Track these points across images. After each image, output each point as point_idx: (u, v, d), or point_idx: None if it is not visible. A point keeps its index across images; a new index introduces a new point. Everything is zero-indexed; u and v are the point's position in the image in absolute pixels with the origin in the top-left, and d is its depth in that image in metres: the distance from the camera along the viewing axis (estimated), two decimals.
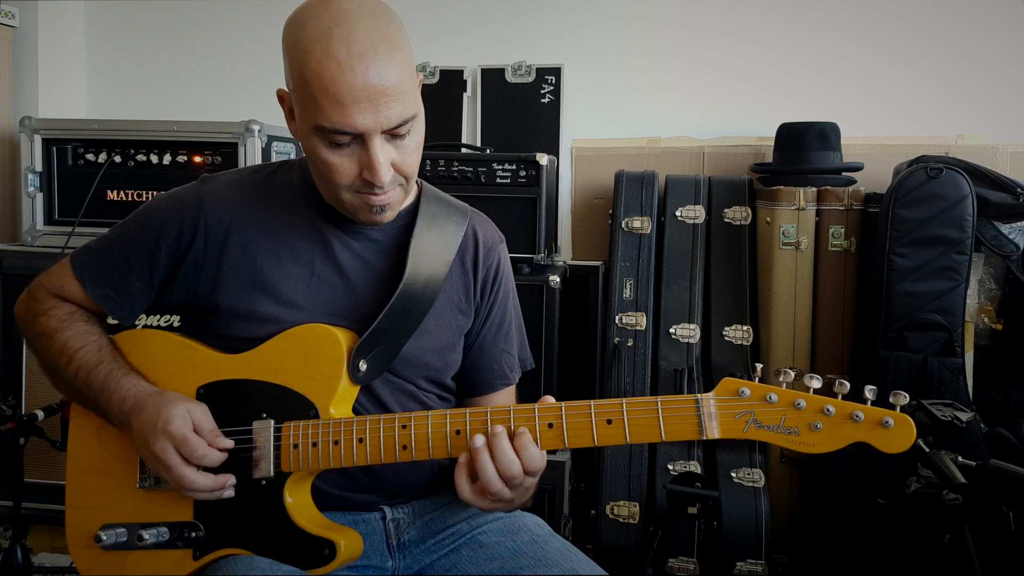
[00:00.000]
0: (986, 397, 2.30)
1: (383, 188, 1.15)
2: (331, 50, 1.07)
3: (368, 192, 1.16)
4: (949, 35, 2.64)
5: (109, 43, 3.09)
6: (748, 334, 2.44)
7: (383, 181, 1.14)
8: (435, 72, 2.87)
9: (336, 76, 1.07)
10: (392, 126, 1.11)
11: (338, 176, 1.15)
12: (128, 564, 1.23)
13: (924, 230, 2.18)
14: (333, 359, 1.19)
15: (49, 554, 2.43)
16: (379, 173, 1.13)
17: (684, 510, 2.09)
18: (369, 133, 1.10)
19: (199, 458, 1.15)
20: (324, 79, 1.07)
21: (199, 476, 1.16)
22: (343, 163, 1.14)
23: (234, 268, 1.25)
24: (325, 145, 1.13)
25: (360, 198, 1.17)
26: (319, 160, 1.15)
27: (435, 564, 1.28)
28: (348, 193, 1.17)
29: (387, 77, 1.09)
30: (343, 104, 1.08)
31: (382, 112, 1.10)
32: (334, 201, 1.22)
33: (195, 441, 1.15)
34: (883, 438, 1.03)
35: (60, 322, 1.29)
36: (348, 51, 1.07)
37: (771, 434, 1.05)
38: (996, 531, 2.04)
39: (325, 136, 1.12)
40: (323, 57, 1.07)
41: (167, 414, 1.16)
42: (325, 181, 1.18)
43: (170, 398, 1.19)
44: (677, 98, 2.79)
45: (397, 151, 1.15)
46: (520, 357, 1.43)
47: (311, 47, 1.08)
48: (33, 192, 2.46)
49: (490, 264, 1.36)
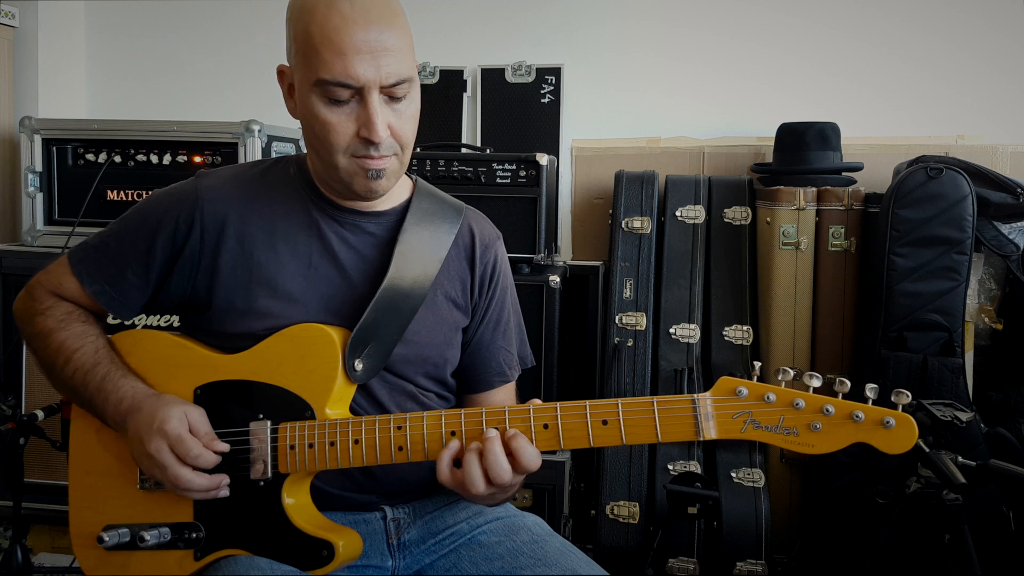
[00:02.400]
0: (986, 397, 2.30)
1: (379, 149, 1.16)
2: (335, 4, 1.12)
3: (364, 155, 1.17)
4: (949, 35, 2.64)
5: (109, 43, 3.09)
6: (748, 334, 2.44)
7: (380, 137, 1.15)
8: (435, 72, 2.87)
9: (339, 27, 1.11)
10: (390, 83, 1.14)
11: (335, 136, 1.16)
12: (131, 564, 1.23)
13: (924, 230, 2.18)
14: (328, 359, 1.19)
15: (49, 554, 2.43)
16: (376, 128, 1.14)
17: (684, 510, 2.09)
18: (368, 87, 1.13)
19: (194, 458, 1.15)
20: (328, 30, 1.12)
21: (194, 476, 1.16)
22: (341, 122, 1.15)
23: (231, 262, 1.25)
24: (324, 103, 1.15)
25: (356, 163, 1.18)
26: (317, 121, 1.16)
27: (435, 564, 1.28)
28: (344, 157, 1.18)
29: (388, 33, 1.14)
30: (345, 54, 1.11)
31: (382, 67, 1.13)
32: (331, 168, 1.21)
33: (190, 441, 1.16)
34: (884, 439, 1.01)
35: (58, 322, 1.29)
36: (352, 7, 1.12)
37: (769, 434, 1.03)
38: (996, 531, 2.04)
39: (325, 92, 1.14)
40: (327, 11, 1.12)
41: (163, 415, 1.16)
42: (323, 144, 1.18)
43: (167, 400, 1.19)
44: (677, 98, 2.79)
45: (394, 115, 1.17)
46: (520, 354, 1.43)
47: (316, 4, 1.14)
48: (33, 192, 2.46)
49: (487, 261, 1.36)
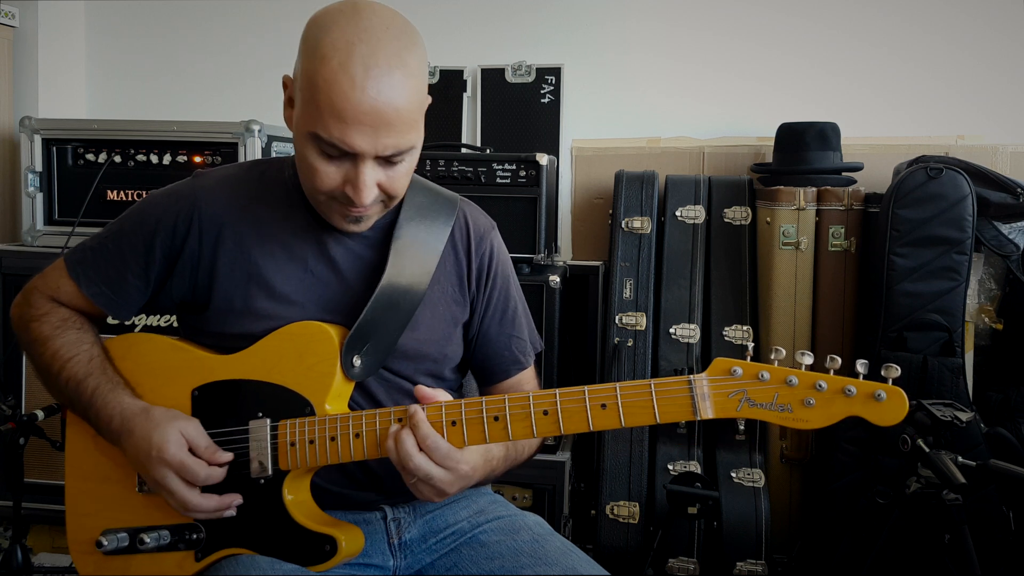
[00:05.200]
0: (986, 397, 2.30)
1: (364, 205, 1.16)
2: (348, 66, 1.06)
3: (348, 204, 1.16)
4: (949, 35, 2.65)
5: (109, 43, 3.09)
6: (748, 334, 2.44)
7: (364, 202, 1.14)
8: (435, 72, 2.87)
9: (346, 93, 1.06)
10: (387, 155, 1.12)
11: (320, 182, 1.15)
12: (131, 568, 1.23)
13: (924, 230, 2.18)
14: (326, 356, 1.19)
15: (49, 554, 2.43)
16: (362, 194, 1.13)
17: (684, 510, 2.09)
18: (363, 155, 1.11)
19: (203, 480, 1.15)
20: (333, 92, 1.07)
21: (203, 500, 1.16)
22: (329, 171, 1.14)
23: (229, 262, 1.25)
24: (316, 151, 1.13)
25: (338, 206, 1.18)
26: (306, 162, 1.15)
27: (436, 563, 1.28)
28: (326, 198, 1.17)
29: (395, 106, 1.09)
30: (345, 122, 1.08)
31: (380, 139, 1.10)
32: (312, 199, 1.21)
33: (194, 465, 1.15)
34: (876, 411, 1.02)
35: (53, 329, 1.28)
36: (365, 72, 1.06)
37: (765, 412, 1.05)
38: (996, 531, 2.04)
39: (319, 144, 1.12)
40: (339, 70, 1.06)
41: (159, 439, 1.15)
42: (307, 181, 1.18)
43: (157, 419, 1.18)
44: (677, 98, 2.79)
45: (386, 174, 1.15)
46: (530, 340, 1.42)
47: (329, 56, 1.07)
48: (33, 192, 2.46)
49: (483, 251, 1.35)
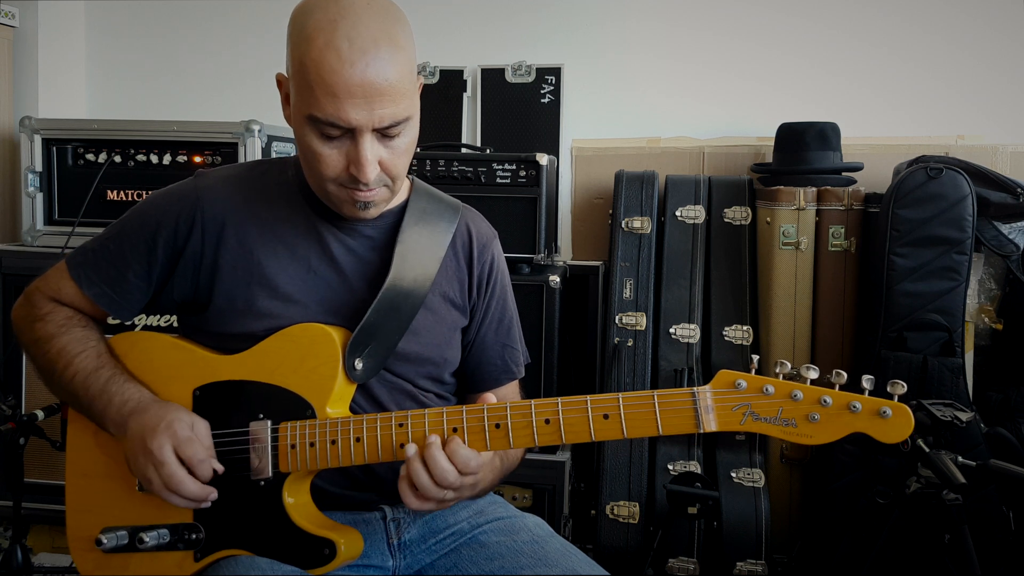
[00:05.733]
0: (986, 397, 2.30)
1: (368, 185, 1.16)
2: (333, 42, 1.08)
3: (353, 187, 1.17)
4: (949, 35, 2.64)
5: (109, 43, 3.09)
6: (748, 334, 2.44)
7: (368, 178, 1.14)
8: (435, 72, 2.87)
9: (335, 68, 1.07)
10: (384, 125, 1.12)
11: (324, 167, 1.15)
12: (130, 567, 1.23)
13: (924, 230, 2.18)
14: (328, 358, 1.19)
15: (49, 554, 2.43)
16: (365, 170, 1.13)
17: (684, 510, 2.09)
18: (360, 129, 1.11)
19: (197, 462, 1.15)
20: (323, 70, 1.08)
21: (187, 478, 1.15)
22: (331, 155, 1.14)
23: (231, 261, 1.25)
24: (316, 135, 1.14)
25: (345, 192, 1.18)
26: (308, 149, 1.15)
27: (436, 564, 1.28)
28: (333, 185, 1.18)
29: (385, 76, 1.09)
30: (338, 97, 1.08)
31: (376, 110, 1.10)
32: (320, 191, 1.21)
33: (198, 444, 1.16)
34: (881, 428, 1.02)
35: (57, 327, 1.28)
36: (350, 45, 1.08)
37: (768, 426, 1.04)
38: (996, 531, 2.04)
39: (317, 126, 1.12)
40: (324, 48, 1.08)
41: (173, 416, 1.17)
42: (312, 171, 1.18)
43: (175, 406, 1.21)
44: (677, 98, 2.79)
45: (386, 150, 1.16)
46: (522, 352, 1.43)
47: (314, 36, 1.09)
48: (33, 192, 2.46)
49: (485, 260, 1.36)
